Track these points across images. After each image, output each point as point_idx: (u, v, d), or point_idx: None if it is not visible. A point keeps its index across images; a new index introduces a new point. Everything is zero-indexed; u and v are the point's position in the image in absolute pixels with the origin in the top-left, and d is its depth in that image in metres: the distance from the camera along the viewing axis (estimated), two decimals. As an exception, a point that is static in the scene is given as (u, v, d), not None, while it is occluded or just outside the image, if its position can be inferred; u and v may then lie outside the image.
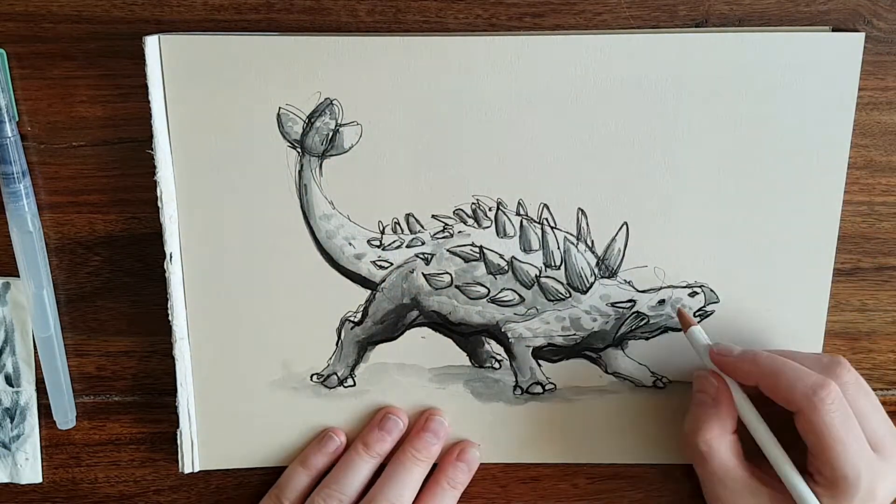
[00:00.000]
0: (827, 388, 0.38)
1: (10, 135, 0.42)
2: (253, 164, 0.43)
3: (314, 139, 0.42)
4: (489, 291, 0.45)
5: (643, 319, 0.45)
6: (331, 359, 0.45)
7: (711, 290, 0.44)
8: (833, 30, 0.42)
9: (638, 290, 0.44)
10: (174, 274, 0.43)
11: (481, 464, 0.47)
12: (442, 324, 0.45)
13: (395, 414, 0.45)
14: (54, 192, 0.44)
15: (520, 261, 0.44)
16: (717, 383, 0.41)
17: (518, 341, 0.45)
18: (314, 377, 0.46)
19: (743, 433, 0.41)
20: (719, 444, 0.41)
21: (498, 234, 0.44)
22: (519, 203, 0.43)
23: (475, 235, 0.44)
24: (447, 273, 0.45)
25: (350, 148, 0.43)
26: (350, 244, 0.44)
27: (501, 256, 0.44)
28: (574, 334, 0.45)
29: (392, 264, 0.44)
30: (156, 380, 0.47)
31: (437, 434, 0.45)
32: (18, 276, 0.44)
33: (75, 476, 0.48)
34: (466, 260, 0.44)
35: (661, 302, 0.44)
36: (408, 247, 0.44)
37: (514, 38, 0.41)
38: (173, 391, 0.45)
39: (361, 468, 0.44)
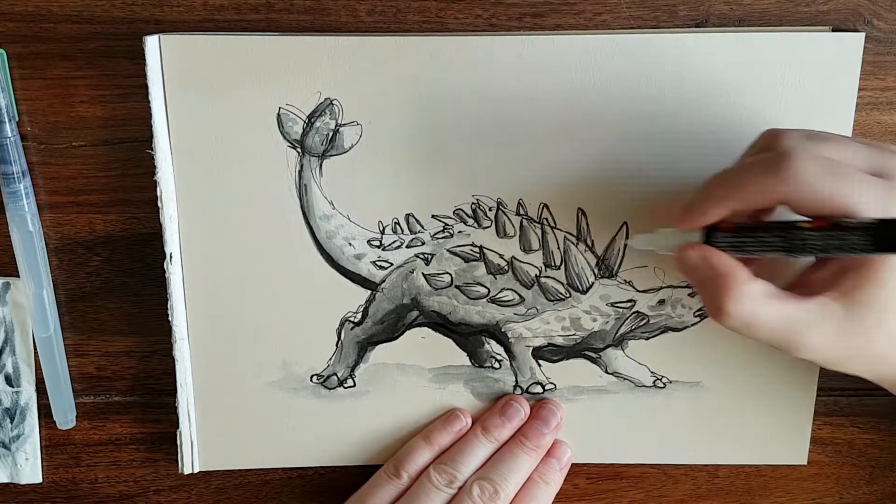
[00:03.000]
0: (789, 156, 0.32)
1: (10, 135, 0.42)
2: (253, 164, 0.43)
3: (314, 139, 0.42)
4: (489, 291, 0.45)
5: (643, 319, 0.45)
6: (331, 359, 0.45)
7: (711, 290, 0.44)
8: (833, 30, 0.42)
9: (638, 290, 0.44)
10: (174, 274, 0.43)
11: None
12: (442, 324, 0.45)
13: (517, 401, 0.46)
14: (54, 192, 0.44)
15: (520, 261, 0.44)
16: (698, 250, 0.36)
17: (518, 341, 0.45)
18: (314, 378, 0.46)
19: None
20: (748, 303, 0.34)
21: (498, 234, 0.44)
22: (519, 203, 0.43)
23: (475, 235, 0.44)
24: (447, 273, 0.45)
25: (350, 148, 0.43)
26: (350, 244, 0.44)
27: (501, 256, 0.44)
28: (574, 334, 0.45)
29: (392, 264, 0.44)
30: (156, 380, 0.47)
31: (548, 423, 0.45)
32: (18, 276, 0.44)
33: (75, 476, 0.48)
34: (466, 260, 0.44)
35: (661, 302, 0.44)
36: (408, 247, 0.44)
37: (514, 38, 0.41)
38: (173, 391, 0.45)
39: (478, 451, 0.45)
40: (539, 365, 0.46)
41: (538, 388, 0.46)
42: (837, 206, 0.32)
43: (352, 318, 0.45)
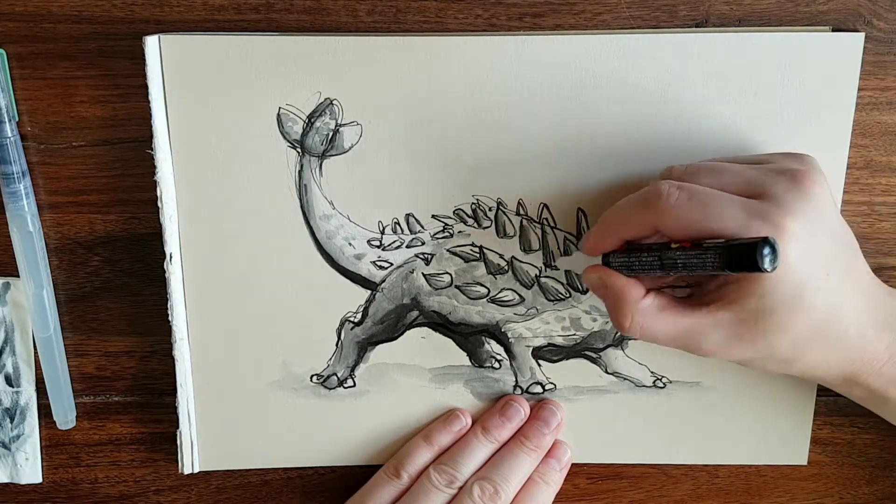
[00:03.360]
0: (658, 191, 0.36)
1: (10, 135, 0.42)
2: (253, 164, 0.43)
3: (314, 139, 0.42)
4: (489, 291, 0.45)
5: (643, 319, 0.45)
6: (331, 359, 0.45)
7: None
8: (833, 30, 0.42)
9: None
10: (174, 274, 0.43)
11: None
12: (442, 324, 0.45)
13: (517, 402, 0.46)
14: (54, 192, 0.44)
15: (520, 261, 0.44)
16: (596, 272, 0.39)
17: (518, 341, 0.45)
18: (314, 378, 0.46)
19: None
20: (644, 318, 0.37)
21: (498, 234, 0.44)
22: (519, 203, 0.43)
23: (475, 235, 0.44)
24: (447, 273, 0.45)
25: (350, 148, 0.43)
26: (350, 244, 0.44)
27: (501, 256, 0.44)
28: (574, 334, 0.45)
29: (392, 264, 0.44)
30: (156, 380, 0.47)
31: (549, 424, 0.45)
32: (18, 276, 0.44)
33: (75, 476, 0.48)
34: (466, 260, 0.44)
35: (661, 302, 0.44)
36: (408, 247, 0.44)
37: (514, 38, 0.41)
38: (173, 391, 0.45)
39: (478, 451, 0.45)
40: (539, 365, 0.46)
41: (538, 388, 0.46)
42: (700, 229, 0.35)
43: (352, 318, 0.45)
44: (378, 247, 0.44)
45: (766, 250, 0.32)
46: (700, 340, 0.37)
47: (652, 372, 0.46)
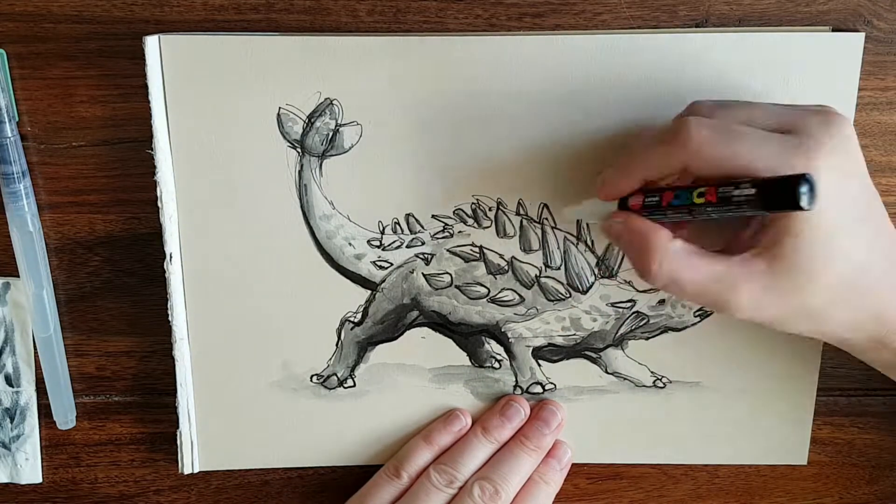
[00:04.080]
0: (686, 127, 0.33)
1: (10, 135, 0.42)
2: (253, 165, 0.43)
3: (314, 139, 0.42)
4: (489, 291, 0.45)
5: (643, 319, 0.45)
6: (331, 359, 0.45)
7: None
8: (833, 30, 0.42)
9: (638, 290, 0.44)
10: (174, 274, 0.43)
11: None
12: (442, 324, 0.45)
13: (517, 402, 0.46)
14: (54, 192, 0.44)
15: (520, 261, 0.44)
16: (621, 217, 0.37)
17: (518, 341, 0.45)
18: (314, 378, 0.46)
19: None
20: (673, 262, 0.35)
21: (498, 234, 0.44)
22: (519, 203, 0.43)
23: (475, 235, 0.44)
24: (447, 273, 0.45)
25: (350, 148, 0.43)
26: (350, 244, 0.44)
27: (501, 256, 0.44)
28: (574, 334, 0.45)
29: (392, 264, 0.44)
30: (156, 380, 0.47)
31: (549, 424, 0.45)
32: (18, 276, 0.44)
33: (75, 476, 0.48)
34: (466, 260, 0.44)
35: (661, 302, 0.44)
36: (408, 247, 0.44)
37: (514, 38, 0.41)
38: (173, 391, 0.45)
39: (478, 451, 0.45)
40: (539, 365, 0.46)
41: (538, 388, 0.46)
42: (733, 167, 0.33)
43: (352, 318, 0.45)
44: (378, 247, 0.44)
45: (805, 187, 0.30)
46: (730, 292, 0.34)
47: (652, 372, 0.46)
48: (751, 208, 0.32)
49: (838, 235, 0.33)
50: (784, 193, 0.31)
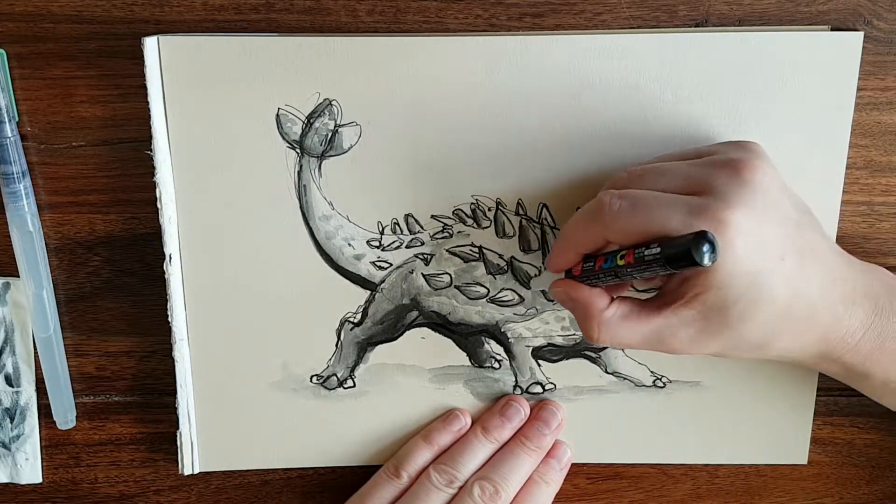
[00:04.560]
0: (601, 203, 0.36)
1: (10, 135, 0.42)
2: (252, 165, 0.43)
3: (313, 140, 0.42)
4: (489, 291, 0.45)
5: (643, 319, 0.45)
6: (330, 360, 0.45)
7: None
8: (832, 29, 0.42)
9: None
10: (173, 275, 0.43)
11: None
12: (442, 324, 0.45)
13: (517, 402, 0.46)
14: (54, 192, 0.44)
15: (519, 261, 0.44)
16: (561, 286, 0.39)
17: (518, 341, 0.45)
18: (314, 378, 0.46)
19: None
20: (609, 327, 0.37)
21: (497, 234, 0.44)
22: (519, 203, 0.43)
23: (474, 236, 0.44)
24: (447, 273, 0.45)
25: (349, 148, 0.43)
26: (349, 245, 0.44)
27: (501, 256, 0.44)
28: (574, 334, 0.45)
29: (391, 265, 0.44)
30: (156, 380, 0.47)
31: (549, 424, 0.45)
32: (18, 276, 0.44)
33: (75, 476, 0.48)
34: (466, 260, 0.44)
35: (661, 302, 0.44)
36: (407, 247, 0.44)
37: (514, 38, 0.41)
38: (173, 391, 0.45)
39: (478, 451, 0.45)
40: (539, 365, 0.46)
41: (538, 388, 0.46)
42: (647, 234, 0.35)
43: (351, 319, 0.45)
44: (377, 247, 0.44)
45: (704, 245, 0.32)
46: (669, 340, 0.37)
47: (652, 372, 0.46)
48: (660, 267, 0.34)
49: (761, 277, 0.34)
50: (683, 253, 0.32)
